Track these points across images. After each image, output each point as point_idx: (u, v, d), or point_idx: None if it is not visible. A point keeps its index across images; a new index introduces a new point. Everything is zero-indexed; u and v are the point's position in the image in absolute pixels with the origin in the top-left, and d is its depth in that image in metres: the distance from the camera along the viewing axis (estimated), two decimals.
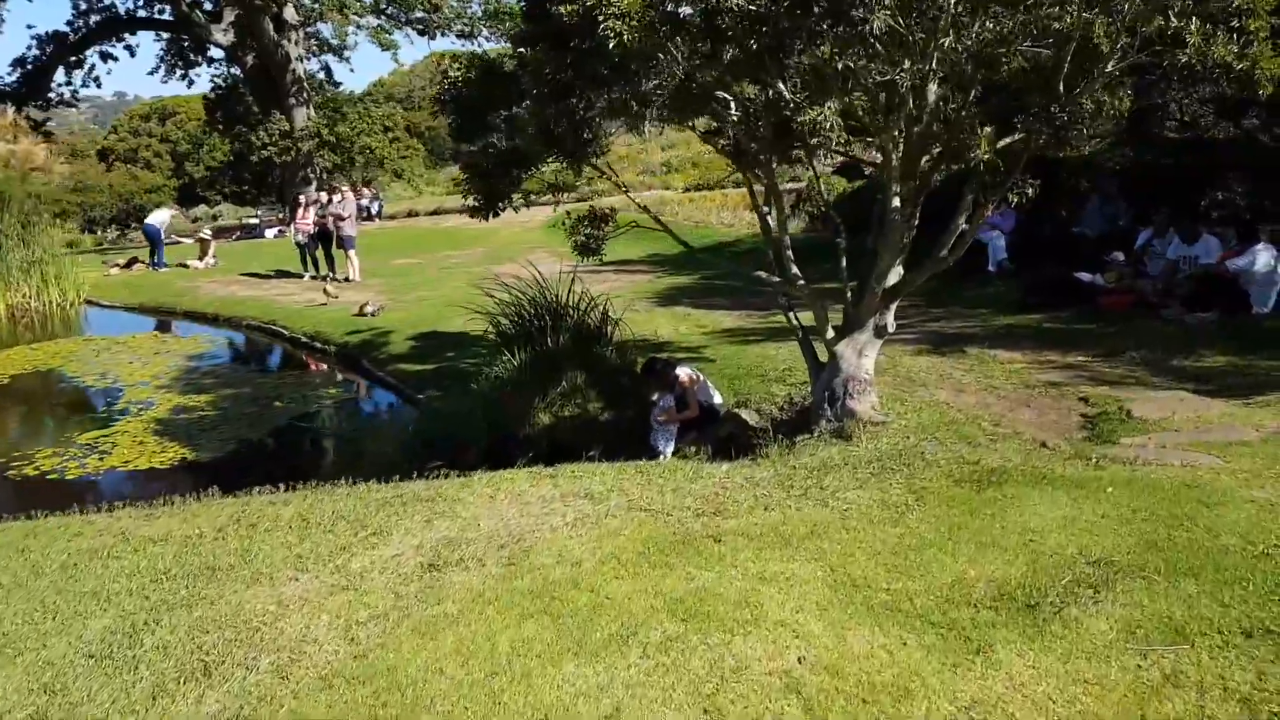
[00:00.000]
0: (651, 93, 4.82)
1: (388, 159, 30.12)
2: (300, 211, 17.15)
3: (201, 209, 41.26)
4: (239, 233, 28.10)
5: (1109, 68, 5.33)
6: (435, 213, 29.20)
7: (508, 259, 18.26)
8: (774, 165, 6.02)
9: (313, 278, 17.06)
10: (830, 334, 6.64)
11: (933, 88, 6.16)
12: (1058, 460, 4.98)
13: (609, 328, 8.80)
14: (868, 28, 4.38)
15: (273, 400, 9.67)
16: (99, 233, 36.30)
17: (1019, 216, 11.63)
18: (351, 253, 16.57)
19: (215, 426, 8.80)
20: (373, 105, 29.19)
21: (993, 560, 3.67)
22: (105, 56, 28.78)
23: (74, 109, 30.95)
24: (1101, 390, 6.83)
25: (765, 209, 6.75)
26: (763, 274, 6.69)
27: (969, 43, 5.24)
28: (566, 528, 4.30)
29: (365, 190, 28.34)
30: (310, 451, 8.25)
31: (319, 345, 12.16)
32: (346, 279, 16.67)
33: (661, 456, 7.24)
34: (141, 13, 28.27)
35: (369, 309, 12.81)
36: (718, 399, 7.64)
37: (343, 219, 16.50)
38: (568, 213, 6.81)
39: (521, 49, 5.23)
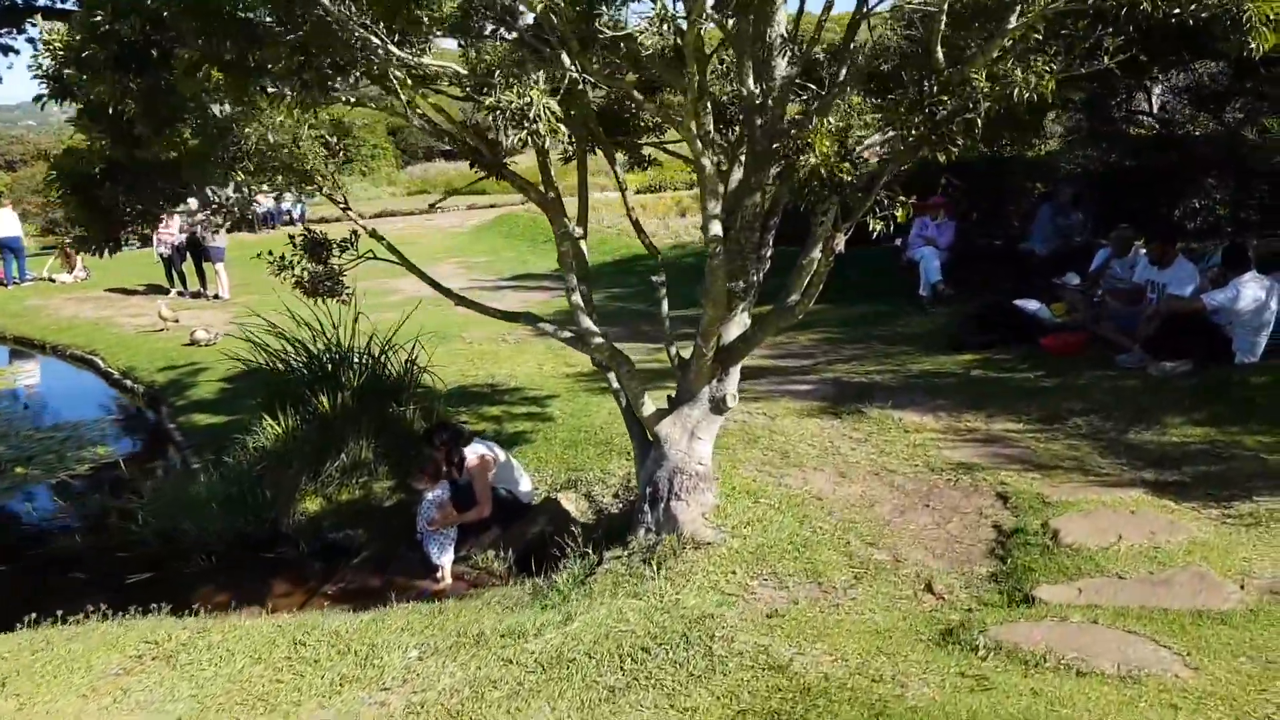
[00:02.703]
0: (257, 53, 2.88)
1: (313, 161, 27.91)
2: (163, 220, 15.08)
3: None
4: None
5: (1014, 22, 3.44)
6: (380, 215, 27.32)
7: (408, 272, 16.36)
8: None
9: (179, 293, 15.10)
10: (649, 409, 4.75)
11: (781, 62, 4.30)
12: (919, 658, 3.07)
13: (411, 377, 6.86)
14: None
15: (18, 464, 7.71)
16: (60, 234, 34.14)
17: (960, 227, 9.76)
18: (220, 266, 14.57)
19: None
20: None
21: None
22: (5, 50, 26.59)
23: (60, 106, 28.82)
24: (1028, 480, 4.95)
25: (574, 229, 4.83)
26: (547, 326, 4.78)
27: None
28: None
29: (286, 193, 26.24)
30: None
31: (129, 383, 10.17)
32: (216, 296, 14.70)
33: (439, 572, 5.32)
34: (43, 1, 26.10)
35: (200, 337, 10.84)
36: (526, 485, 5.72)
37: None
38: (290, 237, 4.90)
39: None
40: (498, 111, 2.76)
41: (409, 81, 3.35)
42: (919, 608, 3.77)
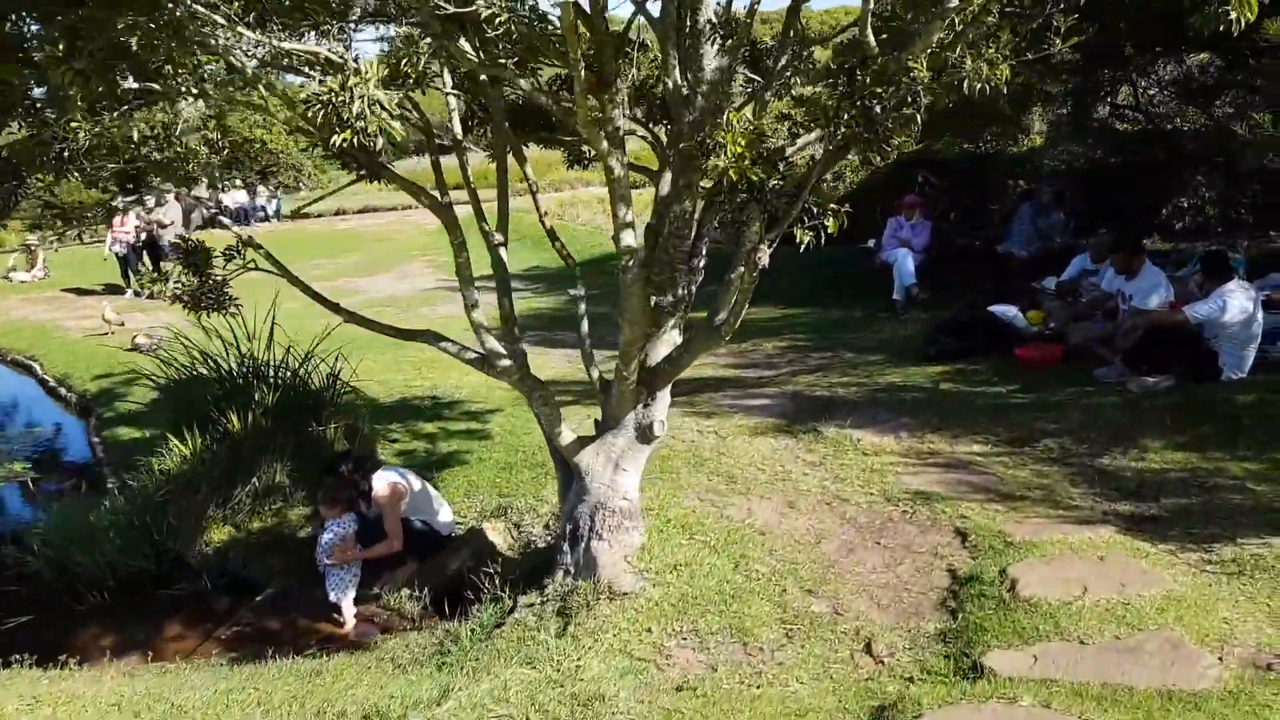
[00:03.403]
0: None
1: (284, 154, 27.26)
2: (118, 218, 14.54)
3: None
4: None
5: (955, 0, 2.94)
6: (364, 210, 26.88)
7: (381, 270, 15.87)
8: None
9: (136, 294, 14.58)
10: (568, 438, 4.25)
11: (710, 50, 3.80)
12: None
13: (335, 391, 6.36)
14: None
15: None
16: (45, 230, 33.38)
17: (936, 227, 9.27)
18: None
19: None
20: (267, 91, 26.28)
21: None
22: None
23: None
24: (991, 514, 4.47)
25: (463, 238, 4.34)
26: (450, 347, 4.28)
27: None
28: None
29: (261, 189, 25.65)
30: None
31: (64, 392, 9.65)
32: None
33: (343, 616, 4.83)
34: None
35: (141, 342, 10.31)
36: (446, 515, 5.23)
37: (164, 226, 14.01)
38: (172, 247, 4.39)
39: None
40: (318, 105, 2.26)
41: (249, 69, 2.85)
42: (853, 675, 3.29)
